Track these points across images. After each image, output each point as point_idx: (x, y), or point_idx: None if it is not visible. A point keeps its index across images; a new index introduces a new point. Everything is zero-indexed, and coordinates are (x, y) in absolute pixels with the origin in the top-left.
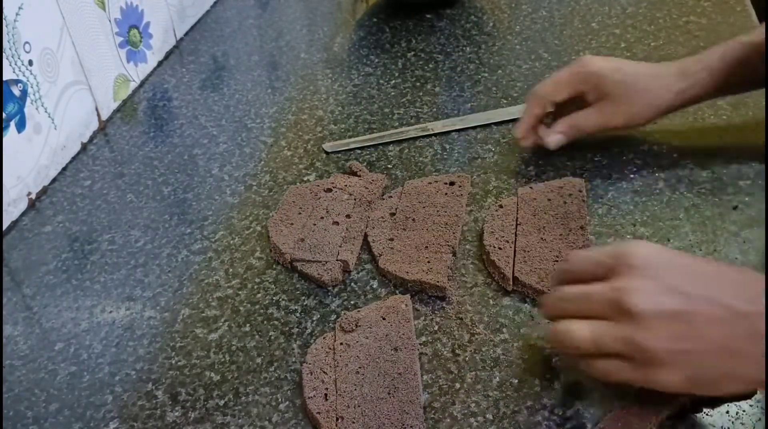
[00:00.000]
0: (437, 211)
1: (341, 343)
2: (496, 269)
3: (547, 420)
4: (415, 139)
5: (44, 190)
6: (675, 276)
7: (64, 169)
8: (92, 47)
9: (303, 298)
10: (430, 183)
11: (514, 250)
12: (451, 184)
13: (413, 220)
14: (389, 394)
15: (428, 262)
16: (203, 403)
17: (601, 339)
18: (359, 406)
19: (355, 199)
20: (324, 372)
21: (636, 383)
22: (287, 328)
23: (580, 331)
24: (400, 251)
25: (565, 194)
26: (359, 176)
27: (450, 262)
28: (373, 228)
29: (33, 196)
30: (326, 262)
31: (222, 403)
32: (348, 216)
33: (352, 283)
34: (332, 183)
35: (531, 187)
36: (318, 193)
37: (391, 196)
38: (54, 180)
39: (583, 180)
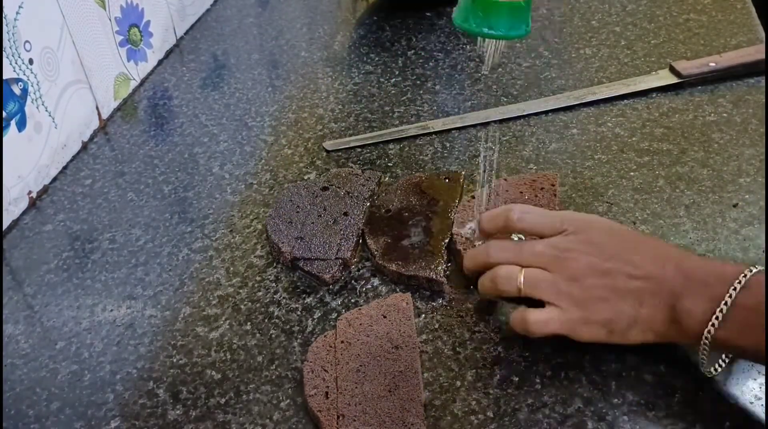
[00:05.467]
0: (434, 206)
1: (342, 342)
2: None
3: (547, 417)
4: (415, 137)
5: (45, 189)
6: (610, 243)
7: (64, 167)
8: (93, 46)
9: (303, 296)
10: (427, 179)
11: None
12: (447, 179)
13: (410, 215)
14: (390, 392)
15: (426, 257)
16: (204, 401)
17: (538, 282)
18: (360, 404)
19: (352, 197)
20: (325, 370)
21: (560, 332)
22: (288, 327)
23: (520, 274)
24: (398, 248)
25: (537, 188)
26: (356, 174)
27: (447, 257)
28: (371, 225)
29: (34, 195)
30: (326, 260)
31: (223, 401)
32: (345, 213)
33: (353, 281)
34: (329, 181)
35: (505, 179)
36: (315, 191)
37: (387, 193)
38: (55, 179)
39: (557, 174)
